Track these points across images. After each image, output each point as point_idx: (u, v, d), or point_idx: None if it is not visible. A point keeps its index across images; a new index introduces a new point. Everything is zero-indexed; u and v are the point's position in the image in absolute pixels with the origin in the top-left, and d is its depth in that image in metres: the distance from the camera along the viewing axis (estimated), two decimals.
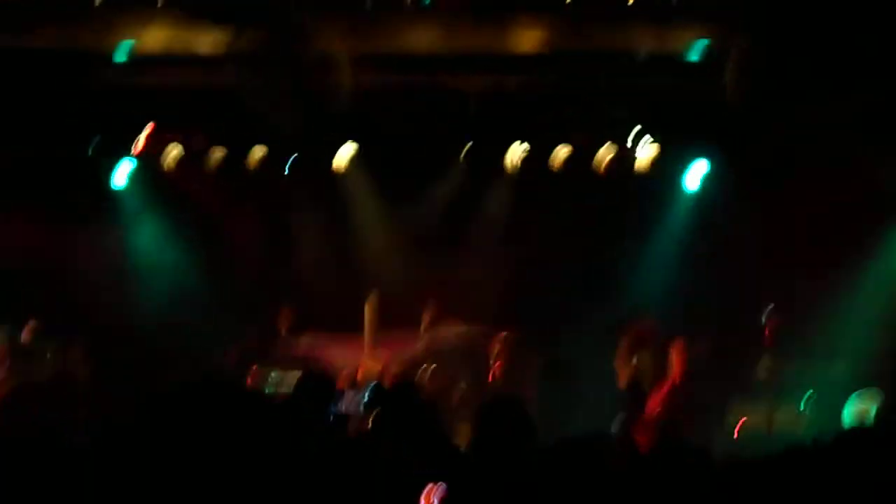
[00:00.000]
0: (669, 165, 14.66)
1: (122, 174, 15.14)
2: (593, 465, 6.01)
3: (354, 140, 14.60)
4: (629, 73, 12.68)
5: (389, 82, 12.84)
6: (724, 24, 11.43)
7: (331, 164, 14.86)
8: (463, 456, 6.71)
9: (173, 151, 14.74)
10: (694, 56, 11.94)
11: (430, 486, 5.72)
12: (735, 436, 13.56)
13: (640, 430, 12.09)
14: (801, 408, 13.69)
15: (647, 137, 14.43)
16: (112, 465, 4.98)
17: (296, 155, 15.03)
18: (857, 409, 12.90)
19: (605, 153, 14.47)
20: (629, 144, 14.40)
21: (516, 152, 14.54)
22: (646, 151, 14.42)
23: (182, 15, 11.45)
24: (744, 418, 13.79)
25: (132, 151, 14.64)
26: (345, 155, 14.80)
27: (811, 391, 13.65)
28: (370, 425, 7.12)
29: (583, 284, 15.23)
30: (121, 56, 11.92)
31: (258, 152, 14.84)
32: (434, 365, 14.33)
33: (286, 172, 15.19)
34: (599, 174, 14.66)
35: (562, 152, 14.56)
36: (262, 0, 10.78)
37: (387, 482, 6.09)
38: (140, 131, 14.47)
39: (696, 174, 14.73)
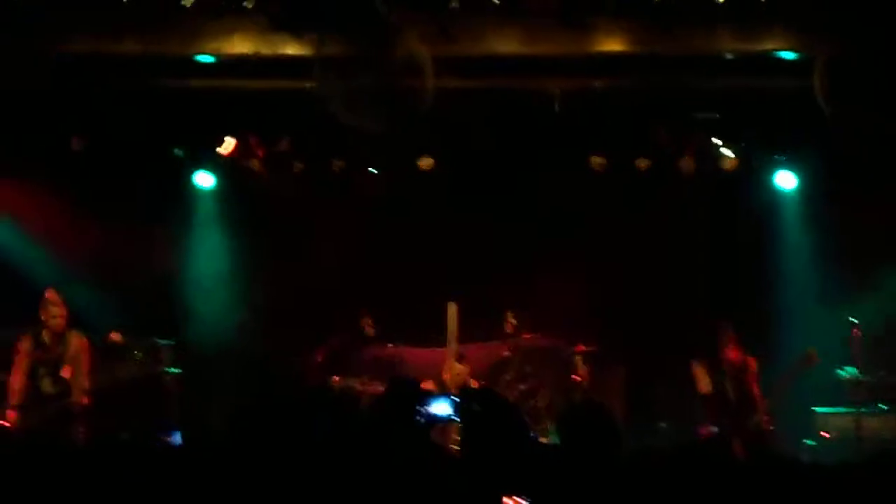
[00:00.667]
0: (757, 168, 14.55)
1: (207, 178, 15.27)
2: (692, 473, 5.97)
3: (438, 144, 14.60)
4: (716, 73, 12.58)
5: (473, 85, 12.83)
6: (813, 24, 11.29)
7: (415, 169, 14.86)
8: (552, 458, 6.67)
9: (259, 156, 14.82)
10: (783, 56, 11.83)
11: (512, 500, 5.70)
12: (824, 442, 13.47)
13: (733, 438, 12.05)
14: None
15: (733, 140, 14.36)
16: (202, 469, 5.00)
17: (380, 159, 15.07)
18: None
19: (691, 154, 14.38)
20: (717, 146, 14.30)
21: (598, 159, 14.48)
22: (733, 154, 14.33)
23: (269, 20, 11.49)
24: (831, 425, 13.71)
25: (218, 156, 14.73)
26: (427, 161, 14.81)
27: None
28: (461, 429, 7.11)
29: (668, 292, 15.15)
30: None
31: (342, 157, 14.90)
32: (519, 371, 14.33)
33: (371, 178, 15.24)
34: (686, 177, 14.57)
35: (647, 156, 14.50)
36: (347, 4, 10.78)
37: (475, 486, 6.08)
38: (226, 135, 14.57)
39: (787, 175, 14.60)
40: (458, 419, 7.16)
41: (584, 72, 12.70)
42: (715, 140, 14.34)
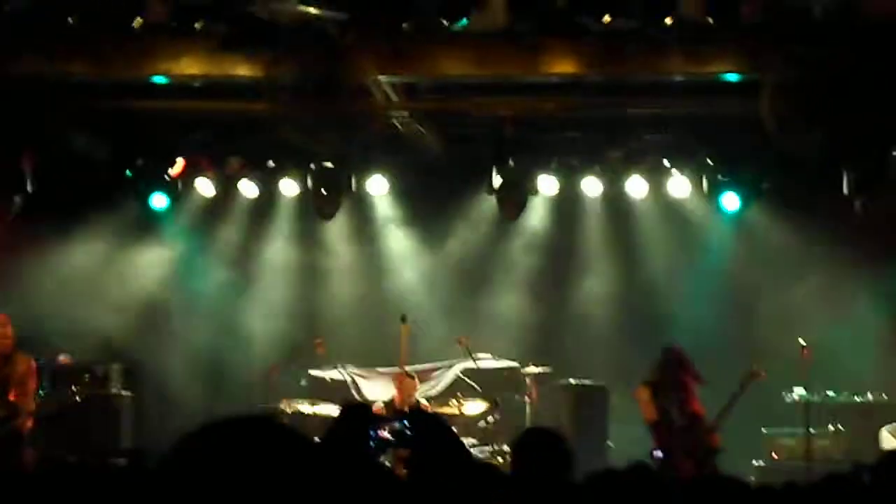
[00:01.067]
0: (704, 189, 14.62)
1: (160, 198, 15.21)
2: (636, 495, 5.98)
3: (389, 165, 14.62)
4: (663, 96, 12.66)
5: (424, 107, 12.85)
6: (760, 47, 11.38)
7: (364, 191, 14.87)
8: (505, 481, 6.68)
9: (208, 177, 14.81)
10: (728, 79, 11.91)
11: None
12: (773, 463, 13.54)
13: (677, 460, 12.07)
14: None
15: (680, 161, 14.44)
16: (147, 491, 4.98)
17: (329, 181, 15.07)
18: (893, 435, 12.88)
19: (640, 177, 14.45)
20: (664, 167, 14.38)
21: (549, 179, 14.52)
22: (680, 175, 14.40)
23: (219, 41, 11.46)
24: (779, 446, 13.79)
25: (169, 176, 14.68)
26: (377, 183, 14.82)
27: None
28: (409, 453, 7.10)
29: (614, 315, 15.22)
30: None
31: (291, 179, 14.88)
32: (469, 392, 14.33)
33: (319, 199, 15.23)
34: (633, 198, 14.65)
35: (595, 177, 14.56)
36: (299, 26, 10.78)
37: None
38: (176, 156, 14.53)
39: (732, 197, 14.67)
40: (408, 441, 7.15)
41: (535, 94, 12.75)
42: (665, 161, 14.41)
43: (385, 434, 8.56)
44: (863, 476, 6.22)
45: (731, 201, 14.53)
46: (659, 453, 12.16)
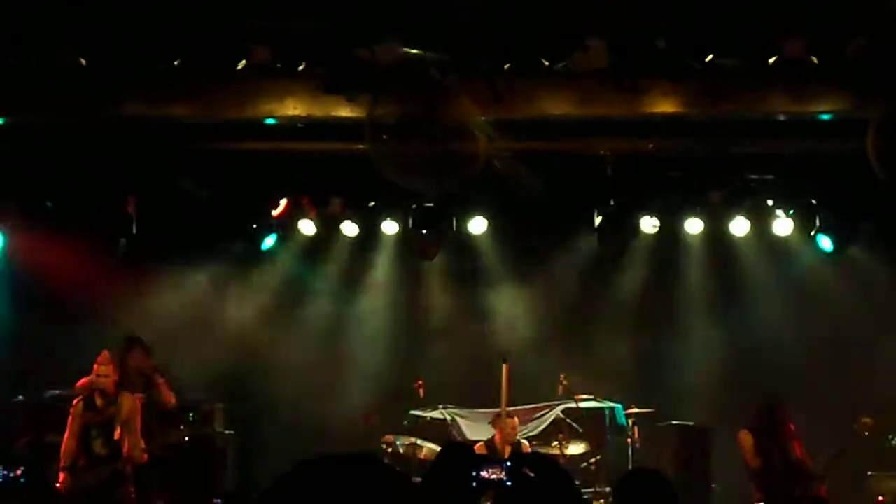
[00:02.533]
0: (807, 228, 14.46)
1: (269, 238, 15.31)
2: None
3: (489, 206, 14.63)
4: (767, 135, 12.54)
5: (526, 147, 12.84)
6: (866, 85, 11.23)
7: (465, 231, 14.89)
8: None
9: (311, 216, 14.91)
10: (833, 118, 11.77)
11: None
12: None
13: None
14: None
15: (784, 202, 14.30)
16: None
17: (430, 222, 15.10)
18: None
19: (742, 217, 14.32)
20: (768, 207, 14.24)
21: (651, 219, 14.46)
22: (784, 216, 14.26)
23: (321, 82, 11.54)
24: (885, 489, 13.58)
25: (272, 217, 14.82)
26: (478, 223, 14.83)
27: None
28: (511, 493, 7.06)
29: (717, 358, 15.07)
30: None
31: (392, 219, 14.95)
32: (572, 433, 14.25)
33: (420, 240, 15.28)
34: (740, 239, 14.52)
35: (697, 217, 14.46)
36: (401, 67, 10.82)
37: None
38: (279, 197, 14.66)
39: (830, 237, 14.49)
40: (511, 483, 7.10)
41: (636, 133, 12.69)
42: (769, 202, 14.28)
43: (487, 475, 8.52)
44: None
45: (826, 242, 14.39)
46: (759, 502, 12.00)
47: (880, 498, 13.58)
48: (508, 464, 8.37)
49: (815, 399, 13.68)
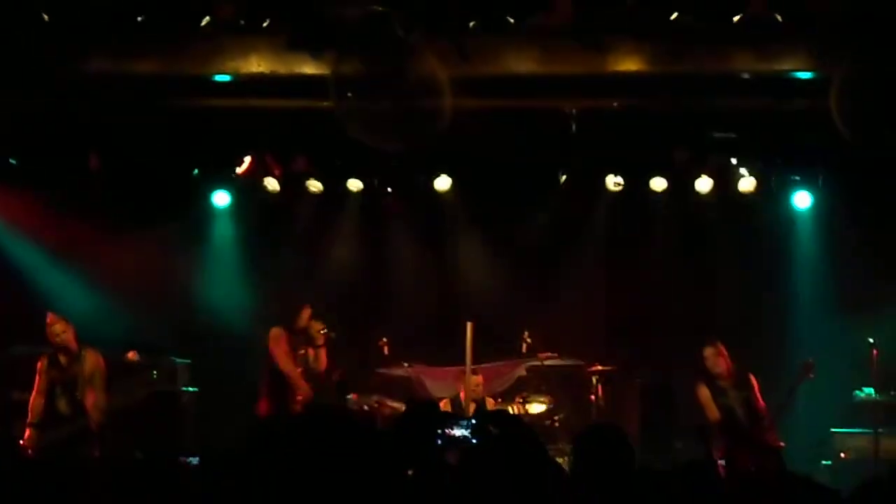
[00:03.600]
0: (773, 187, 14.52)
1: (224, 197, 15.27)
2: (698, 491, 5.95)
3: (454, 164, 14.62)
4: (731, 93, 12.56)
5: (490, 105, 12.83)
6: (831, 44, 11.28)
7: (430, 189, 14.89)
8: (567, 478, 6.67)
9: (275, 174, 14.85)
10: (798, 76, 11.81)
11: None
12: (841, 462, 13.43)
13: (741, 457, 11.99)
14: None
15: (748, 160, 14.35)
16: (217, 488, 4.99)
17: (396, 180, 15.09)
18: None
19: (708, 174, 14.37)
20: (735, 166, 14.29)
21: (615, 178, 14.50)
22: (750, 174, 14.31)
23: (286, 39, 11.51)
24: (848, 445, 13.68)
25: (234, 174, 14.77)
26: (444, 181, 14.83)
27: None
28: (476, 450, 7.10)
29: (682, 314, 15.13)
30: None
31: (358, 177, 14.93)
32: (535, 391, 14.30)
33: (385, 197, 15.27)
34: (703, 197, 14.57)
35: (662, 175, 14.50)
36: (366, 24, 10.79)
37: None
38: (242, 153, 14.61)
39: (803, 195, 14.57)
40: (475, 441, 7.15)
41: (601, 91, 12.70)
42: (732, 160, 14.32)
43: (452, 432, 8.57)
44: None
45: (802, 199, 14.48)
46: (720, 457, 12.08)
47: (843, 455, 13.67)
48: (473, 421, 8.43)
49: (773, 350, 13.79)
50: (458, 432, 8.61)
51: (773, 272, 15.09)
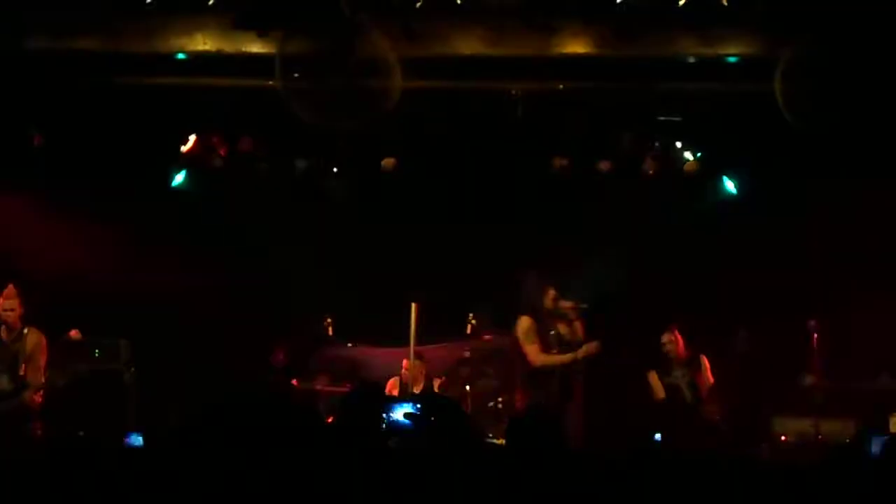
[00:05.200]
0: (717, 170, 14.62)
1: (177, 175, 15.19)
2: (641, 473, 6.00)
3: (400, 144, 14.62)
4: (676, 77, 12.63)
5: (436, 86, 12.83)
6: (774, 28, 11.36)
7: (377, 169, 14.88)
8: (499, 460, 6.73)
9: (221, 154, 14.79)
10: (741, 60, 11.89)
11: None
12: (782, 445, 13.54)
13: (684, 436, 12.09)
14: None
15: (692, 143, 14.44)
16: (159, 468, 4.98)
17: (341, 159, 15.07)
18: None
19: (653, 156, 14.45)
20: (677, 147, 14.38)
21: (560, 160, 14.56)
22: (692, 155, 14.42)
23: (232, 18, 11.46)
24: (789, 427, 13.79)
25: (181, 154, 14.71)
26: (389, 161, 14.83)
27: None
28: (415, 438, 7.13)
29: (627, 294, 15.21)
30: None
31: (303, 157, 14.89)
32: (478, 372, 14.34)
33: (333, 177, 15.25)
34: (648, 179, 14.64)
35: (607, 158, 14.57)
36: (311, 3, 10.76)
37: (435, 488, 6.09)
38: (188, 133, 14.55)
39: (737, 178, 14.69)
40: (414, 429, 7.18)
41: (547, 74, 12.72)
42: (677, 143, 14.41)
43: (396, 416, 8.58)
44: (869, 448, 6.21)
45: (735, 182, 14.63)
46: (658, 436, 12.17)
47: (783, 438, 13.79)
48: (415, 408, 8.44)
49: (721, 332, 13.88)
50: (400, 417, 8.62)
51: (717, 256, 15.17)
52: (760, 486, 5.91)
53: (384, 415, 8.58)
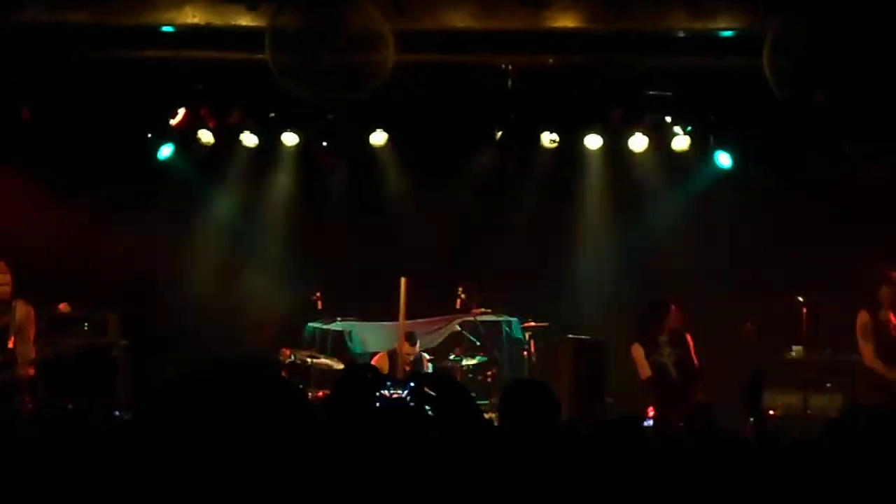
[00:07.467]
0: (704, 144, 14.61)
1: (166, 148, 15.13)
2: (627, 447, 6.00)
3: (390, 118, 14.60)
4: (666, 52, 12.61)
5: (426, 60, 12.81)
6: (766, 2, 11.34)
7: (367, 143, 14.86)
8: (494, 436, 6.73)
9: (210, 127, 14.76)
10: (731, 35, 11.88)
11: None
12: (769, 419, 13.55)
13: (672, 413, 12.10)
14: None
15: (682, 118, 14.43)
16: (146, 441, 4.98)
17: (331, 134, 15.05)
18: None
19: (642, 131, 14.45)
20: (667, 122, 14.37)
21: (550, 135, 14.55)
22: (682, 132, 14.41)
23: None
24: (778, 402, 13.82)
25: (169, 127, 14.67)
26: (380, 136, 14.81)
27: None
28: (414, 409, 7.12)
29: (616, 270, 15.23)
30: None
31: (293, 131, 14.86)
32: (468, 346, 14.36)
33: (320, 151, 15.23)
34: (635, 154, 14.64)
35: (597, 133, 14.57)
36: None
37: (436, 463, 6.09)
38: (176, 105, 14.50)
39: (728, 153, 14.67)
40: (412, 403, 7.17)
41: (538, 48, 12.70)
42: (667, 118, 14.39)
43: (389, 395, 8.57)
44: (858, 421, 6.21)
45: (724, 158, 14.61)
46: (652, 411, 12.18)
47: (771, 412, 13.82)
48: (411, 384, 8.43)
49: (707, 310, 13.88)
50: (395, 395, 8.62)
51: (707, 231, 15.18)
52: (749, 463, 5.91)
53: (377, 393, 8.58)
